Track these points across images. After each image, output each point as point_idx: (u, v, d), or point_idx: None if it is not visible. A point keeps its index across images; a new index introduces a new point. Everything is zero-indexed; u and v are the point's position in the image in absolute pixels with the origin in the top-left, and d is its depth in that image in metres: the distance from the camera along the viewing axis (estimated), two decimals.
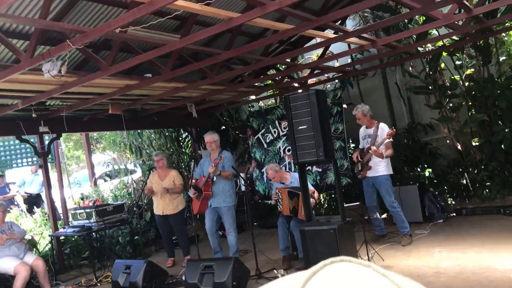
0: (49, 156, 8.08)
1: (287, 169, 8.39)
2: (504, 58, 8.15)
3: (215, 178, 6.40)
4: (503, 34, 7.83)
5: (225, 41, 6.49)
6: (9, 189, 10.09)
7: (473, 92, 8.11)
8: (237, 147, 10.76)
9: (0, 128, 6.99)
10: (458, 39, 7.66)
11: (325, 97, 5.78)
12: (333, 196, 8.94)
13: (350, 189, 8.40)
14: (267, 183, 9.01)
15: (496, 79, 7.84)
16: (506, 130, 7.38)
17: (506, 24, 7.37)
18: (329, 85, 9.43)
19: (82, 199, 9.34)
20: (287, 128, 8.18)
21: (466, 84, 8.24)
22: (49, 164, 8.59)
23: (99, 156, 15.81)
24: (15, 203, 9.91)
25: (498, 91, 7.66)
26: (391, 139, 6.37)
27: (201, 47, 6.18)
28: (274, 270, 5.84)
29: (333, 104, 8.27)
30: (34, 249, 7.27)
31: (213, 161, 6.42)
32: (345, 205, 5.99)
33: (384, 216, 6.82)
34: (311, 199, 6.06)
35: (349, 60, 9.09)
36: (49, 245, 7.51)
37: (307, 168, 8.46)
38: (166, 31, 5.88)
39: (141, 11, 3.74)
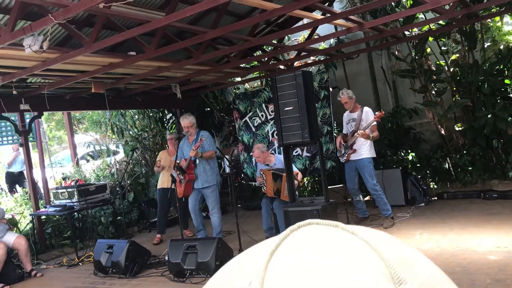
0: (30, 135, 7.94)
1: (276, 153, 8.37)
2: (489, 44, 8.19)
3: (197, 161, 6.37)
4: (489, 20, 7.86)
5: (211, 20, 6.39)
6: None
7: (458, 78, 8.16)
8: (222, 129, 10.70)
9: None
10: (444, 24, 7.67)
11: (311, 78, 5.75)
12: (316, 179, 8.97)
13: (334, 172, 8.44)
14: (255, 166, 8.99)
15: (480, 65, 7.89)
16: (489, 116, 7.45)
17: (492, 10, 7.38)
18: (313, 68, 9.38)
19: (64, 178, 9.24)
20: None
21: (451, 69, 8.28)
22: (30, 144, 8.45)
23: (81, 136, 15.59)
24: None
25: (482, 77, 7.72)
26: (379, 120, 6.40)
27: (187, 25, 6.07)
28: None
29: (320, 88, 8.25)
30: (15, 228, 7.18)
31: (192, 143, 6.37)
32: (328, 187, 6.02)
33: (366, 198, 6.86)
34: (295, 181, 6.07)
35: (334, 43, 9.05)
36: (30, 225, 7.43)
37: (296, 153, 8.50)
38: (151, 8, 5.77)
39: None
